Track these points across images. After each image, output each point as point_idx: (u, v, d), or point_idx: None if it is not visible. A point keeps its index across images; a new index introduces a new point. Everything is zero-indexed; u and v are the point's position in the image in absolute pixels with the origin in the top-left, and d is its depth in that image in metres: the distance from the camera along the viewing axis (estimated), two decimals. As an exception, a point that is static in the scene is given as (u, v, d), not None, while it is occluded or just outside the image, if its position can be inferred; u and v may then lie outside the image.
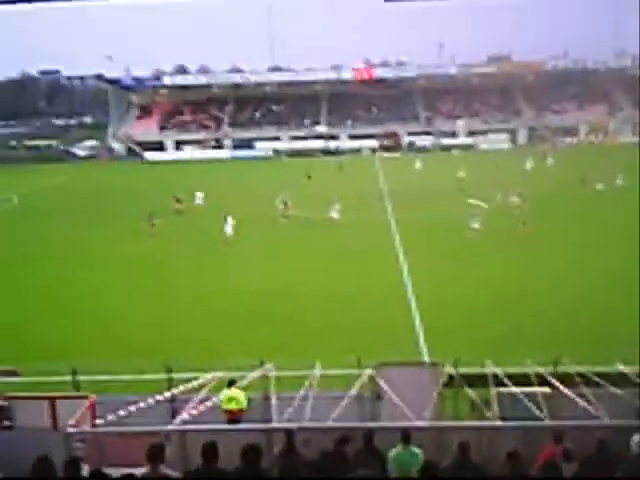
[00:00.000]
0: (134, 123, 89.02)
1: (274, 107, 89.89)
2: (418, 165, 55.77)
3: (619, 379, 11.69)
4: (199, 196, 40.97)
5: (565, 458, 6.95)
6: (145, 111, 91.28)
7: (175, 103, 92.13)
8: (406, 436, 7.83)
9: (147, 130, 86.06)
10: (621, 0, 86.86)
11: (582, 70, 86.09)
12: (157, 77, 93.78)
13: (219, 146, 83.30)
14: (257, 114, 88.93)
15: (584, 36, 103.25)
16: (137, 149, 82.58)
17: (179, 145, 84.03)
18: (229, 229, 30.85)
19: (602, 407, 10.39)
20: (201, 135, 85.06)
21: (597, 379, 11.48)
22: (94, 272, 27.07)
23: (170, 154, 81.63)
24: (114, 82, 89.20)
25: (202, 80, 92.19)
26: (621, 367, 12.01)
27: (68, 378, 13.08)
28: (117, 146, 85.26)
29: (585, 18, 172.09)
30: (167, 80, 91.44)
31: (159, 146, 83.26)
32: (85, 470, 6.97)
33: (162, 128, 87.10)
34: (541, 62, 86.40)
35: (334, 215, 34.66)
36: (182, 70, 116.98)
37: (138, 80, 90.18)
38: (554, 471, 6.33)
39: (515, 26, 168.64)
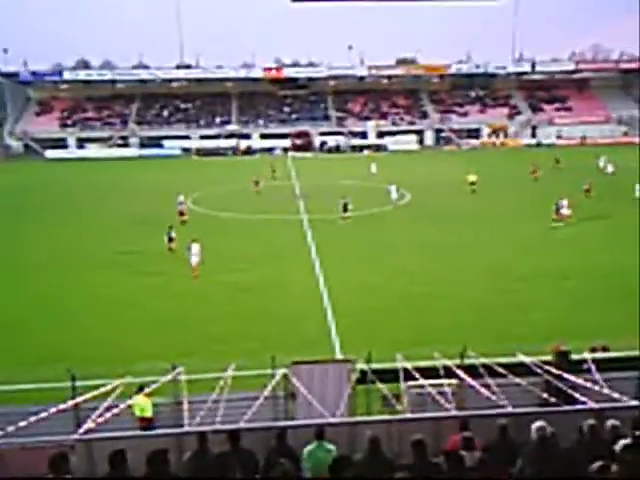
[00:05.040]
0: (33, 119, 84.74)
1: (183, 105, 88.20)
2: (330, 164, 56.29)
3: (521, 369, 12.28)
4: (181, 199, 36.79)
5: (466, 446, 7.18)
6: (45, 107, 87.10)
7: (77, 99, 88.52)
8: (320, 433, 7.88)
9: (47, 127, 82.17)
10: (520, 6, 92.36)
11: (484, 74, 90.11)
12: (58, 72, 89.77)
13: (125, 144, 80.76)
14: (165, 112, 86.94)
15: (485, 41, 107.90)
16: (36, 147, 78.67)
17: (82, 143, 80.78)
18: (195, 258, 25.44)
19: (505, 396, 10.89)
20: (106, 133, 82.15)
21: (500, 370, 12.01)
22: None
23: (73, 152, 78.32)
24: (10, 76, 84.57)
25: (106, 75, 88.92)
26: (522, 358, 12.60)
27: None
28: (14, 144, 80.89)
29: (485, 23, 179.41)
30: (68, 75, 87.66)
31: (61, 144, 79.73)
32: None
33: (63, 125, 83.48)
34: (446, 65, 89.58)
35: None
36: (84, 65, 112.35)
37: (37, 74, 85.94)
38: (455, 459, 6.55)
39: (421, 29, 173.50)
